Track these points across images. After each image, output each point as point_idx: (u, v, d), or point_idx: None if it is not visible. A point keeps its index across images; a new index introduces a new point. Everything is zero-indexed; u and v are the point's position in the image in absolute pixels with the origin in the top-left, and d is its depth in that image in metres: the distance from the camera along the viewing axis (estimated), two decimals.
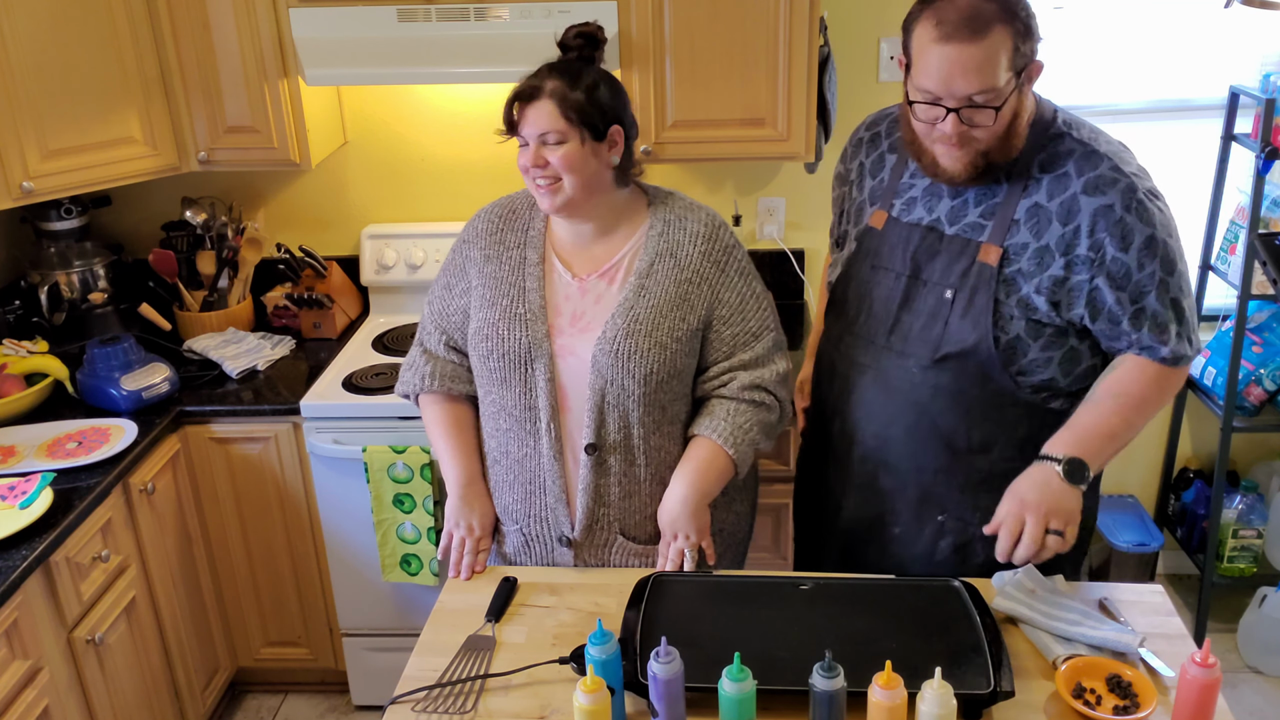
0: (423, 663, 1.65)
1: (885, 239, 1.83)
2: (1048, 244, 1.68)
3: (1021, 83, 1.61)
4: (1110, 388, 1.72)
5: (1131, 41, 2.91)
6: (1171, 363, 1.71)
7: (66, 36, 2.46)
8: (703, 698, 1.47)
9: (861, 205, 1.91)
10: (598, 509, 1.84)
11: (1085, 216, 1.65)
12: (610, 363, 1.76)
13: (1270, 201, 2.80)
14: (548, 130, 1.71)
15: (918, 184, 1.81)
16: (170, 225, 2.99)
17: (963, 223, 1.74)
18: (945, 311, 1.74)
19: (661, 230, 1.83)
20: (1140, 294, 1.66)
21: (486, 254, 1.87)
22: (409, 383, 1.95)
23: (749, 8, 2.45)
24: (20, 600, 2.00)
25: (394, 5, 2.47)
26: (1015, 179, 1.70)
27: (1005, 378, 1.74)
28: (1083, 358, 1.76)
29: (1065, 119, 1.73)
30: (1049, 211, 1.68)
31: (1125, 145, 1.73)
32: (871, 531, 1.92)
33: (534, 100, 1.71)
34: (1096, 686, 1.52)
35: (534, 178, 1.75)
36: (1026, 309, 1.70)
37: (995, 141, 1.64)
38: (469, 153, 2.98)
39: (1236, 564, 3.05)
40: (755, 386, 1.84)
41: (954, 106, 1.59)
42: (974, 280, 1.72)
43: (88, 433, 2.44)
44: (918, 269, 1.78)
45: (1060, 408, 1.77)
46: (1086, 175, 1.66)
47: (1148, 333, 1.68)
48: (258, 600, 2.82)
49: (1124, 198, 1.64)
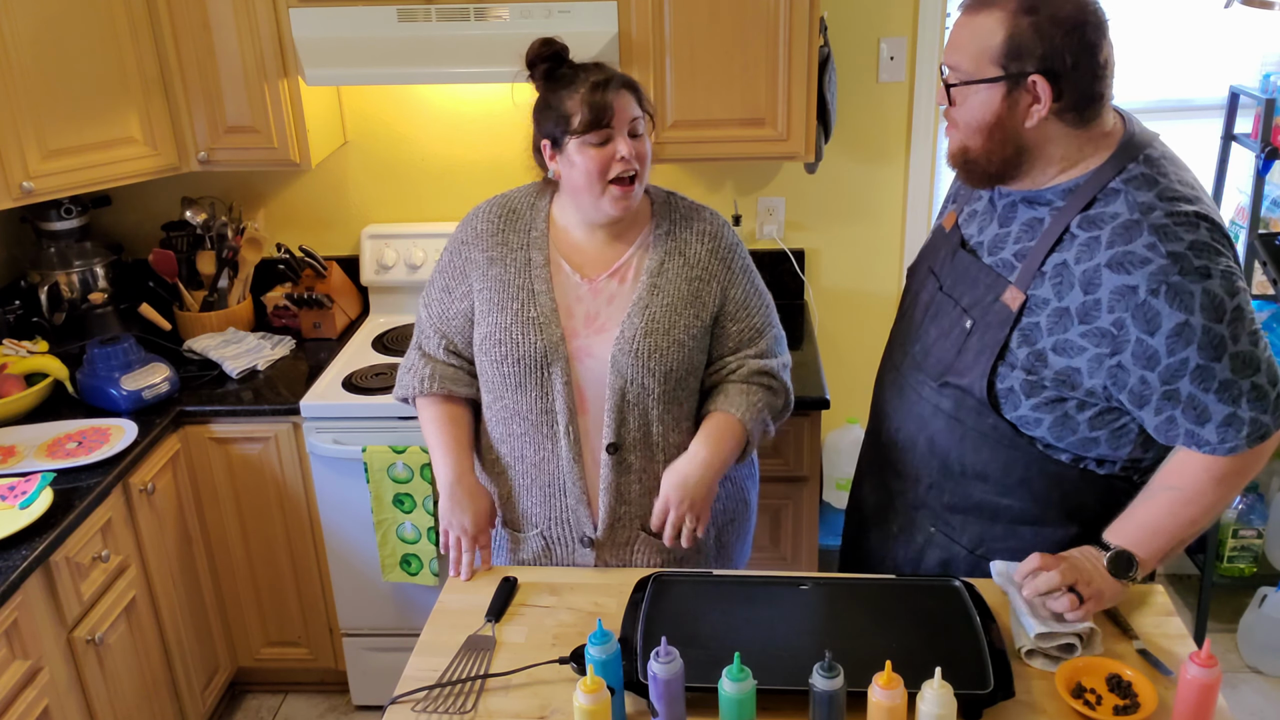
0: (423, 663, 1.65)
1: (946, 243, 1.78)
2: (1068, 307, 1.55)
3: (1014, 92, 1.51)
4: (1164, 480, 1.59)
5: (1131, 41, 2.90)
6: (1228, 451, 1.52)
7: (66, 36, 2.46)
8: (703, 698, 1.47)
9: (947, 200, 1.90)
10: (619, 507, 1.84)
11: (1105, 293, 1.51)
12: (631, 362, 1.77)
13: (1270, 201, 2.80)
14: (637, 118, 1.71)
15: (982, 197, 1.74)
16: (170, 225, 2.99)
17: (999, 255, 1.65)
18: (961, 339, 1.68)
19: (668, 229, 1.84)
20: (1173, 378, 1.50)
21: (490, 256, 1.85)
22: (407, 386, 1.93)
23: (749, 8, 2.45)
24: (20, 600, 2.00)
25: (394, 5, 2.47)
26: (1053, 226, 1.57)
27: (1000, 421, 1.66)
28: (1079, 428, 1.63)
29: (1140, 172, 1.54)
30: (1074, 275, 1.54)
31: (1198, 212, 1.50)
32: (878, 519, 1.93)
33: (616, 90, 1.69)
34: (1096, 686, 1.52)
35: (615, 175, 1.72)
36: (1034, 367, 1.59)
37: (971, 137, 1.57)
38: (469, 153, 2.98)
39: (1236, 564, 3.06)
40: (764, 372, 1.86)
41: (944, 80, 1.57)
42: (991, 318, 1.63)
43: (88, 433, 2.44)
44: (954, 285, 1.72)
45: (1066, 460, 1.67)
46: (1116, 249, 1.50)
47: (1182, 415, 1.52)
48: (258, 600, 2.82)
49: (1151, 280, 1.47)
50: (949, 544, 1.81)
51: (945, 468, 1.76)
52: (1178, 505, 1.59)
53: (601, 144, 1.70)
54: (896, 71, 2.86)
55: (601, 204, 1.75)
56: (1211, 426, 1.52)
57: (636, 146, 1.71)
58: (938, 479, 1.78)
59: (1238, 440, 1.51)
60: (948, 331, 1.71)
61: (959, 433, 1.72)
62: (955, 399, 1.70)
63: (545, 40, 1.74)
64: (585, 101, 1.69)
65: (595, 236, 1.83)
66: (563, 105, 1.71)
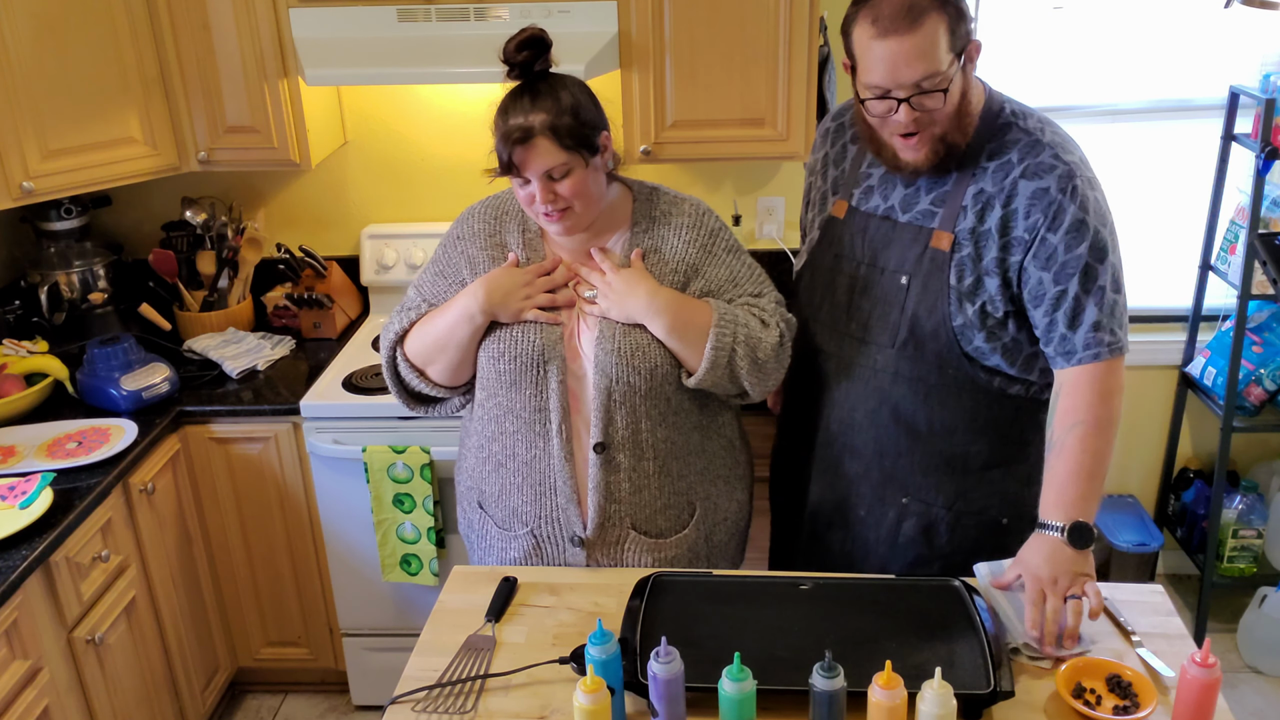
0: (423, 663, 1.65)
1: (846, 228, 1.89)
2: (990, 228, 1.73)
3: (964, 63, 1.66)
4: (1063, 421, 1.71)
5: (1131, 41, 2.91)
6: (1092, 358, 1.69)
7: (66, 36, 2.46)
8: (703, 698, 1.47)
9: (825, 194, 1.97)
10: (609, 506, 1.84)
11: (1022, 200, 1.70)
12: (614, 361, 1.77)
13: (1270, 201, 2.80)
14: (552, 167, 1.69)
15: (874, 173, 1.87)
16: (170, 225, 2.99)
17: (915, 210, 1.80)
18: (901, 297, 1.79)
19: (646, 227, 1.84)
20: (1065, 276, 1.68)
21: (490, 254, 1.85)
22: (391, 331, 1.88)
23: (749, 8, 2.45)
24: (20, 600, 2.00)
25: (394, 5, 2.47)
26: (964, 167, 1.75)
27: (963, 362, 1.78)
28: (1023, 346, 1.78)
29: (1013, 109, 1.78)
30: (991, 196, 1.73)
31: (1070, 137, 1.77)
32: (837, 514, 1.96)
33: (528, 141, 1.67)
34: (1096, 686, 1.52)
35: (540, 211, 1.74)
36: (973, 295, 1.74)
37: (949, 123, 1.69)
38: (469, 153, 2.97)
39: (1236, 564, 3.06)
40: (758, 307, 1.85)
41: (904, 96, 1.64)
42: (927, 266, 1.77)
43: (88, 433, 2.44)
44: (874, 256, 1.83)
45: (1018, 393, 1.82)
46: (1028, 161, 1.71)
47: (1063, 316, 1.69)
48: (258, 600, 2.82)
49: (1060, 181, 1.68)
50: (925, 509, 1.88)
51: (912, 431, 1.84)
52: (1090, 440, 1.68)
53: (524, 184, 1.72)
54: None
55: (542, 224, 1.78)
56: (1082, 331, 1.69)
57: (560, 187, 1.70)
58: (906, 445, 1.85)
59: (1100, 348, 1.69)
60: (884, 297, 1.82)
61: (922, 391, 1.82)
62: (913, 356, 1.80)
63: (523, 41, 1.70)
64: (501, 145, 1.69)
65: (578, 238, 1.83)
66: (496, 134, 1.71)
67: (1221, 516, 2.98)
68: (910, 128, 1.67)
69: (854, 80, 1.71)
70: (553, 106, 1.68)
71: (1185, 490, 3.19)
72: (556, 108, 1.68)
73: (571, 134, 1.69)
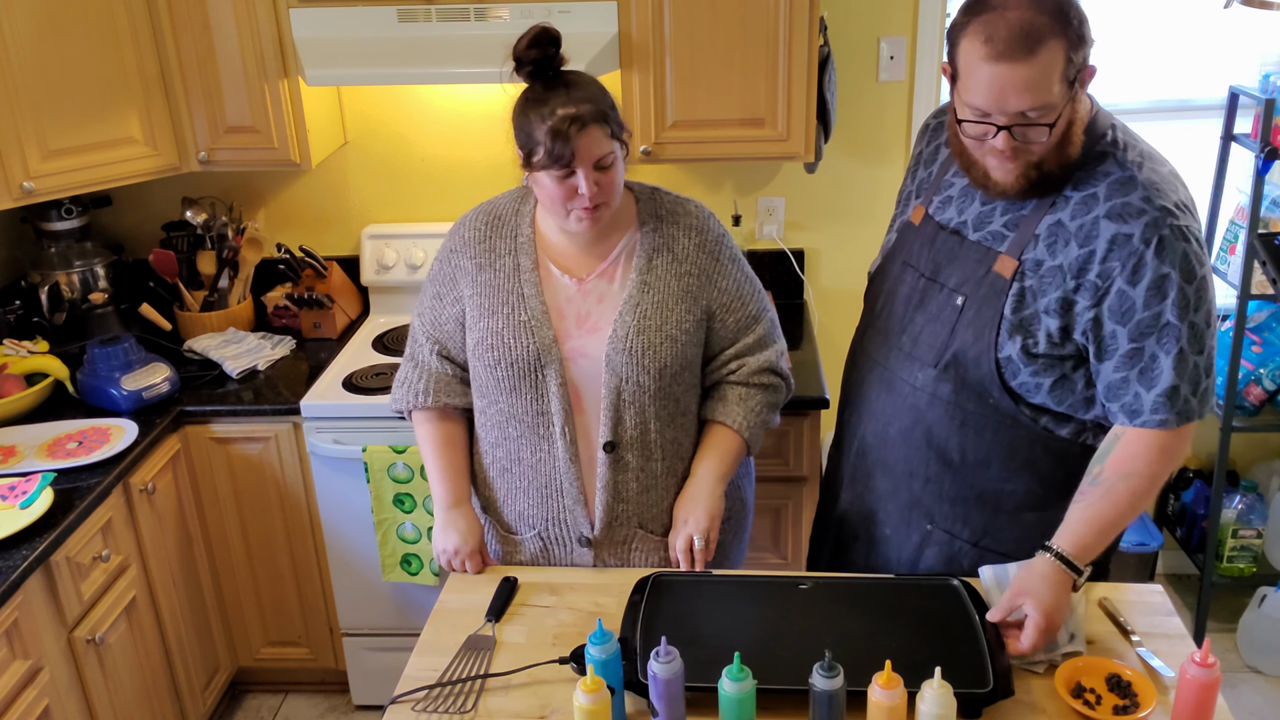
0: (423, 662, 1.65)
1: (918, 236, 1.80)
2: (1061, 264, 1.60)
3: (1075, 92, 1.53)
4: (1117, 466, 1.61)
5: (1131, 41, 2.91)
6: (1158, 424, 1.58)
7: (67, 36, 2.47)
8: (703, 698, 1.47)
9: (909, 196, 1.90)
10: (617, 506, 1.84)
11: (1102, 242, 1.56)
12: (625, 360, 1.77)
13: (1270, 201, 2.80)
14: (603, 155, 1.67)
15: (957, 183, 1.76)
16: (170, 225, 2.99)
17: (986, 230, 1.69)
18: (954, 318, 1.70)
19: (655, 226, 1.84)
20: (1141, 335, 1.57)
21: (479, 262, 1.84)
22: (402, 399, 1.93)
23: (749, 8, 2.45)
24: (20, 600, 2.00)
25: (394, 5, 2.47)
26: (1045, 194, 1.62)
27: (1004, 396, 1.68)
28: (1076, 387, 1.67)
29: (1115, 136, 1.63)
30: (1069, 231, 1.60)
31: (1174, 176, 1.63)
32: (863, 528, 1.92)
33: (584, 129, 1.64)
34: (1096, 686, 1.52)
35: (579, 206, 1.70)
36: (1028, 330, 1.63)
37: (1049, 152, 1.57)
38: (469, 153, 2.98)
39: (1236, 564, 3.06)
40: (764, 370, 1.88)
41: (1005, 124, 1.52)
42: (985, 290, 1.67)
43: (88, 433, 2.44)
44: (936, 270, 1.74)
45: (1067, 436, 1.71)
46: (1115, 200, 1.57)
47: (1136, 376, 1.58)
48: (258, 600, 2.82)
49: (1146, 231, 1.54)
50: (949, 540, 1.81)
51: (944, 459, 1.76)
52: (1138, 495, 1.60)
53: (565, 176, 1.68)
54: (896, 71, 2.86)
55: (568, 224, 1.75)
56: (1154, 394, 1.57)
57: (603, 179, 1.69)
58: (936, 472, 1.78)
59: (1168, 415, 1.58)
60: (937, 314, 1.73)
61: (959, 419, 1.73)
62: (954, 381, 1.71)
63: (535, 38, 1.67)
64: (550, 135, 1.64)
65: (577, 240, 1.82)
66: (532, 130, 1.67)
67: (1221, 516, 2.98)
68: (1007, 154, 1.56)
69: (952, 89, 1.59)
70: (594, 96, 1.68)
71: (1185, 490, 3.19)
72: (597, 97, 1.69)
73: (615, 122, 1.70)
